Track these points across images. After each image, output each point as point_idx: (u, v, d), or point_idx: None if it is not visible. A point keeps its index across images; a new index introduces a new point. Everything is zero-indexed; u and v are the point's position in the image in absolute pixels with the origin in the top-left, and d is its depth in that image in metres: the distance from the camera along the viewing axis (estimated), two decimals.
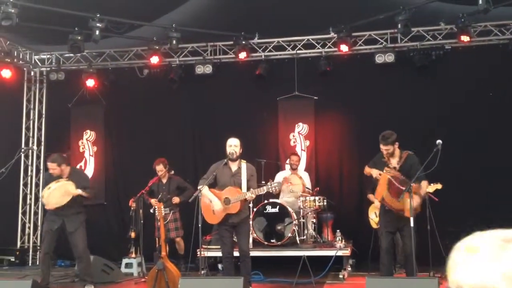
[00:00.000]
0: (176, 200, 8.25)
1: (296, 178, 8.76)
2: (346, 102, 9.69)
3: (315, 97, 9.74)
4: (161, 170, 8.32)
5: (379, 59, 9.29)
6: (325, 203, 8.41)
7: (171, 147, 10.08)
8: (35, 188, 10.60)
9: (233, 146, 6.28)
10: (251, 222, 7.60)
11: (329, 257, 7.65)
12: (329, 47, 9.68)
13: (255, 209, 8.05)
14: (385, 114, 9.30)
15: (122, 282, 7.97)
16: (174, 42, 9.06)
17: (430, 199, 7.09)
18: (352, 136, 9.68)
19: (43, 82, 10.85)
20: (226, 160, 6.28)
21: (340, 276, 7.65)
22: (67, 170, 6.87)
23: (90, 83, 10.23)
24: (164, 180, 8.45)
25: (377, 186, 7.09)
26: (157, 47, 9.59)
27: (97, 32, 8.31)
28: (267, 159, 9.07)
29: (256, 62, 9.85)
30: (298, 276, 7.18)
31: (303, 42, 9.78)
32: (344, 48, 9.25)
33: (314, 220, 8.60)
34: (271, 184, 6.26)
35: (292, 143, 9.88)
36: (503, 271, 1.04)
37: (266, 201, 8.27)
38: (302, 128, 9.89)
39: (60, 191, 6.61)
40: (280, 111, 9.97)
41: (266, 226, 8.12)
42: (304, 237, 8.37)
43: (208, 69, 9.87)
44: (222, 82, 10.04)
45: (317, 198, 8.41)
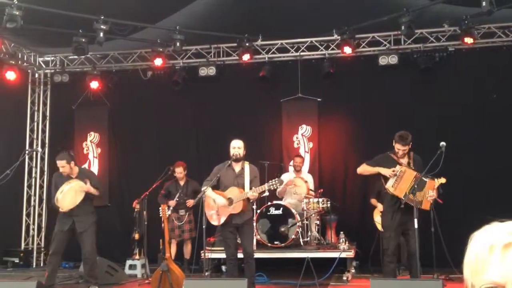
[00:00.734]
0: (190, 203, 8.50)
1: (301, 180, 8.77)
2: (350, 104, 9.70)
3: (318, 99, 9.76)
4: (180, 173, 8.68)
5: (383, 61, 9.29)
6: (328, 205, 8.42)
7: (175, 149, 10.11)
8: (39, 189, 10.64)
9: (236, 147, 6.30)
10: (255, 224, 7.62)
11: (332, 259, 7.65)
12: (332, 49, 9.70)
13: (258, 211, 8.06)
14: (388, 116, 9.31)
15: (126, 284, 7.98)
16: (178, 44, 9.08)
17: (435, 201, 7.07)
18: (356, 138, 9.68)
19: (47, 84, 10.90)
20: (229, 161, 6.30)
21: (344, 278, 7.64)
22: (76, 169, 6.90)
23: (94, 85, 10.27)
24: (181, 183, 8.73)
25: (382, 190, 7.08)
26: (160, 49, 9.62)
27: (101, 34, 8.33)
28: (271, 161, 9.08)
29: (260, 64, 9.87)
30: (302, 278, 7.18)
31: (307, 44, 9.79)
32: (347, 50, 9.26)
33: (318, 222, 8.60)
34: (271, 182, 6.24)
35: (295, 145, 9.89)
36: None
37: (269, 203, 8.28)
38: (306, 130, 9.90)
39: (72, 191, 6.63)
40: (283, 113, 9.98)
41: (269, 228, 8.13)
42: (308, 239, 8.37)
43: (211, 71, 9.90)
44: (226, 84, 10.06)
45: (320, 200, 8.42)
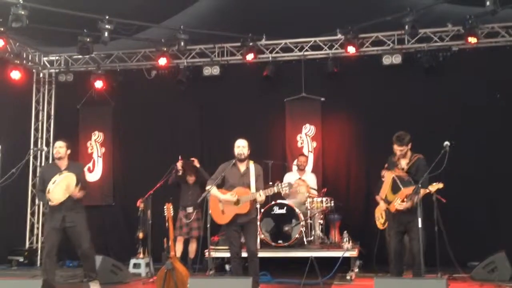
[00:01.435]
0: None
1: (301, 181, 8.81)
2: (353, 104, 9.71)
3: (322, 98, 9.78)
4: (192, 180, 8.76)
5: (386, 60, 9.30)
6: (332, 204, 8.44)
7: (179, 148, 10.09)
8: None
9: (241, 147, 6.32)
10: (259, 223, 7.63)
11: (336, 258, 7.66)
12: (336, 49, 9.71)
13: (262, 210, 8.08)
14: (392, 115, 9.31)
15: (130, 283, 8.00)
16: (182, 43, 9.13)
17: (438, 200, 7.09)
18: (359, 137, 9.70)
19: (52, 84, 10.95)
20: (234, 160, 6.32)
21: (348, 277, 7.65)
22: (66, 159, 6.78)
23: (99, 84, 10.32)
24: (191, 181, 8.79)
25: None
26: (165, 49, 9.65)
27: (106, 33, 8.37)
28: (274, 160, 9.10)
29: (264, 63, 9.89)
30: (306, 277, 7.19)
31: (310, 44, 9.81)
32: (351, 49, 9.28)
33: (322, 221, 8.62)
34: (281, 185, 6.27)
35: (299, 145, 9.91)
36: None
37: (273, 202, 8.30)
38: (309, 129, 9.92)
39: (63, 185, 6.48)
40: (287, 112, 10.01)
41: (273, 227, 8.15)
42: (312, 238, 8.39)
43: (215, 70, 9.93)
44: (230, 83, 10.09)
45: (324, 199, 8.45)
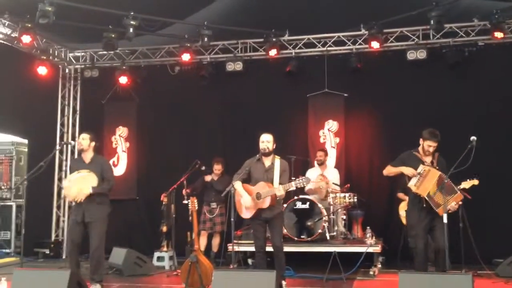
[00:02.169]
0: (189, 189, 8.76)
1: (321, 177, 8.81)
2: (377, 99, 9.65)
3: (345, 94, 9.73)
4: (218, 170, 8.90)
5: (411, 55, 9.22)
6: (355, 200, 8.43)
7: (202, 143, 10.21)
8: None
9: (265, 142, 6.34)
10: None
11: (358, 254, 7.67)
12: (359, 44, 9.66)
13: (285, 205, 8.09)
14: (415, 111, 9.25)
15: (155, 275, 8.11)
16: (206, 39, 9.15)
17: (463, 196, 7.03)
18: (382, 133, 9.63)
19: (78, 79, 11.10)
20: (259, 155, 6.35)
21: (371, 272, 7.64)
22: (91, 152, 6.71)
23: (123, 80, 10.43)
24: (216, 178, 8.89)
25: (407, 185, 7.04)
26: (188, 45, 9.72)
27: (131, 30, 8.46)
28: (297, 156, 9.11)
29: (287, 59, 9.89)
30: (328, 272, 7.21)
31: (334, 39, 9.77)
32: (375, 44, 9.22)
33: (344, 217, 8.61)
34: (299, 180, 6.27)
35: (321, 140, 9.89)
36: None
37: (296, 197, 8.32)
38: (332, 125, 9.90)
39: (78, 184, 6.43)
40: (310, 108, 9.99)
41: (296, 222, 8.17)
42: (334, 233, 8.39)
43: (238, 66, 9.95)
44: (252, 79, 10.11)
45: (347, 194, 8.43)
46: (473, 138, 5.64)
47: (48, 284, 5.41)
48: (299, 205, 8.22)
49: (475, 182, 6.68)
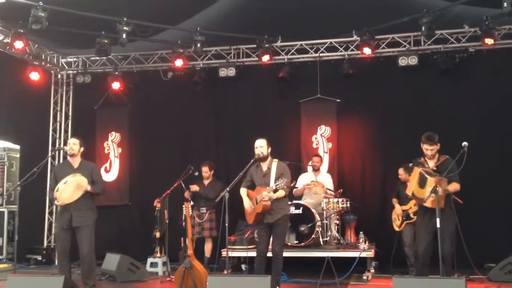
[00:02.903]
0: (194, 187, 8.81)
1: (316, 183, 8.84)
2: (369, 105, 9.71)
3: (337, 99, 9.78)
4: (205, 172, 8.91)
5: (402, 62, 9.30)
6: (348, 205, 8.45)
7: (195, 149, 10.22)
8: None
9: (259, 147, 6.39)
10: None
11: (351, 258, 7.69)
12: (352, 50, 9.73)
13: None
14: (407, 117, 9.32)
15: (148, 281, 8.09)
16: (199, 45, 9.17)
17: (455, 201, 7.07)
18: (375, 138, 9.69)
19: (70, 85, 11.07)
20: (256, 161, 6.42)
21: (364, 277, 7.68)
22: (79, 158, 6.67)
23: (116, 85, 10.43)
24: (206, 182, 8.90)
25: (400, 190, 7.12)
26: (181, 50, 9.72)
27: (124, 35, 8.46)
28: (289, 161, 9.11)
29: (279, 65, 9.94)
30: (322, 277, 7.23)
31: (326, 45, 9.84)
32: (367, 51, 9.29)
33: (338, 222, 8.64)
34: (278, 183, 6.20)
35: (314, 145, 9.93)
36: None
37: (289, 202, 8.32)
38: (325, 130, 9.94)
39: (72, 185, 6.37)
40: (302, 113, 10.03)
41: (289, 227, 8.16)
42: (328, 238, 8.42)
43: (231, 72, 9.98)
44: (245, 84, 10.16)
45: (340, 200, 8.47)
46: (464, 144, 5.69)
47: None
48: (293, 210, 8.23)
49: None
